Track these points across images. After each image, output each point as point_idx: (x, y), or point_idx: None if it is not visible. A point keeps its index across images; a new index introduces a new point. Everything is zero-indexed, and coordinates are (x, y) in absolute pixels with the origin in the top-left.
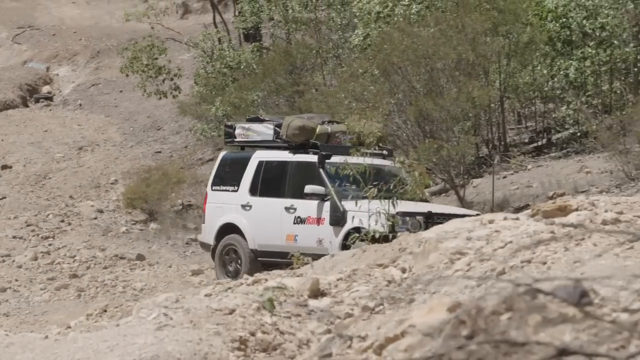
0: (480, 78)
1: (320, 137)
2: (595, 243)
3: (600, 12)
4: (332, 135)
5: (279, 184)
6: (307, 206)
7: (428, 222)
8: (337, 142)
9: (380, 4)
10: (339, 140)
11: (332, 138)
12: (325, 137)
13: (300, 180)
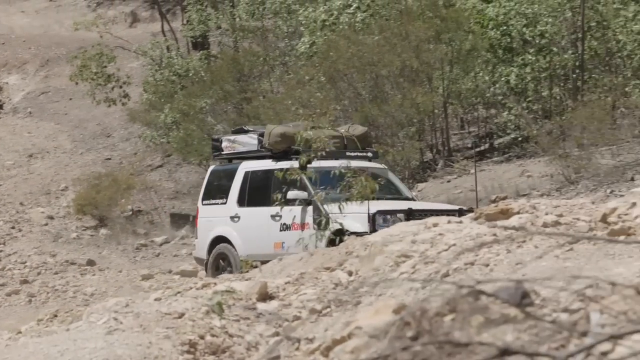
0: (424, 84)
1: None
2: (536, 245)
3: (540, 20)
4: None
5: (265, 193)
6: (292, 212)
7: (409, 219)
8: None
9: (326, 12)
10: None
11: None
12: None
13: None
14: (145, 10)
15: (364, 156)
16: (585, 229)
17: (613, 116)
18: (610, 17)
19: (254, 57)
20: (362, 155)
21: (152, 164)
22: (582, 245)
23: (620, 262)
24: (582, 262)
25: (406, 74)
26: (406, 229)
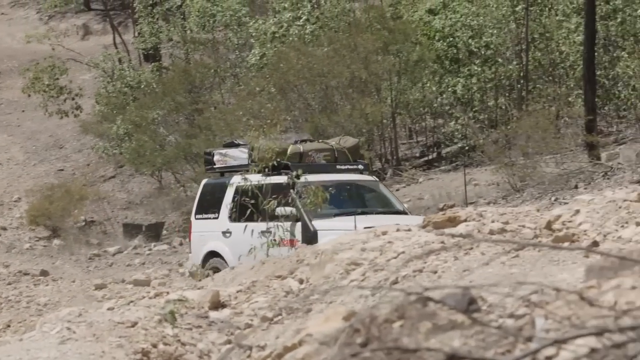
0: (373, 95)
1: (293, 157)
2: (483, 252)
3: (485, 31)
4: (304, 154)
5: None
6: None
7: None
8: (310, 160)
9: (276, 24)
10: (313, 158)
11: (305, 157)
12: (298, 157)
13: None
14: (97, 23)
15: (354, 169)
16: (531, 236)
17: (557, 125)
18: (554, 28)
19: (205, 68)
20: (353, 167)
21: (104, 175)
22: (528, 251)
23: (565, 268)
24: (527, 269)
25: (355, 84)
26: (356, 237)
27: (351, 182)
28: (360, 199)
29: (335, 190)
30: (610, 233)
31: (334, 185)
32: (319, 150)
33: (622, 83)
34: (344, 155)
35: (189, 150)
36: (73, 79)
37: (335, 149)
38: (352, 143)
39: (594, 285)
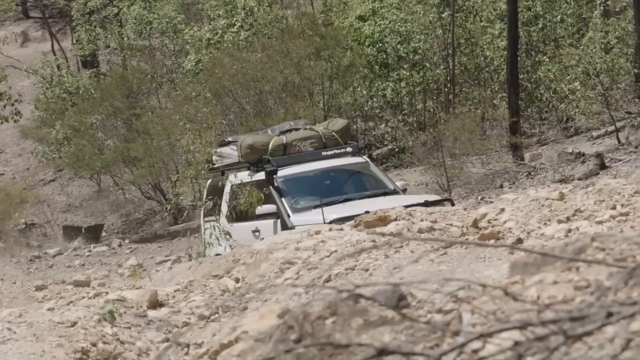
0: (306, 99)
1: (277, 150)
2: (412, 250)
3: (413, 37)
4: (288, 145)
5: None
6: (267, 227)
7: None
8: (296, 150)
9: (211, 31)
10: (298, 148)
11: (290, 147)
12: (281, 149)
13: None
14: (36, 31)
15: (342, 152)
16: (458, 234)
17: (482, 127)
18: (478, 34)
19: (142, 74)
20: (340, 152)
21: (44, 179)
22: (455, 249)
23: (490, 265)
24: (455, 265)
25: (288, 89)
26: (290, 237)
27: (336, 167)
28: (347, 184)
29: (318, 179)
30: (534, 230)
31: (318, 174)
32: (304, 139)
33: (543, 86)
34: (332, 139)
35: (127, 154)
36: (12, 85)
37: (323, 134)
38: (341, 125)
39: (517, 280)
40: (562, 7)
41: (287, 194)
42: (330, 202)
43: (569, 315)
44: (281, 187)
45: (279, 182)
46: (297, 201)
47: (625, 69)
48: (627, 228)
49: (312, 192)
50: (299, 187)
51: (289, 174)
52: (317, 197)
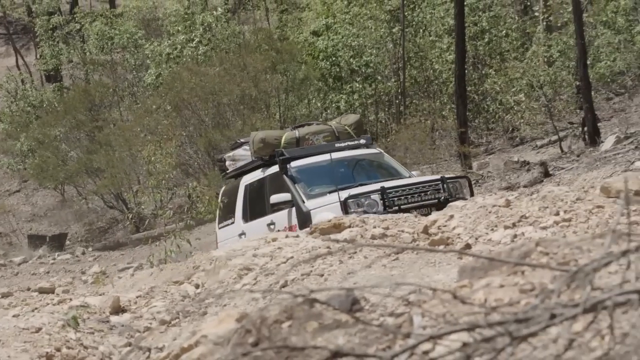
0: (262, 111)
1: (290, 144)
2: (365, 256)
3: (365, 51)
4: (301, 139)
5: (262, 203)
6: (282, 217)
7: (384, 199)
8: (309, 144)
9: (170, 46)
10: (311, 142)
11: (303, 141)
12: (294, 143)
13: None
14: (0, 46)
15: (356, 144)
16: (409, 239)
17: (432, 137)
18: (427, 48)
19: (104, 88)
20: (354, 144)
21: (9, 189)
22: (407, 254)
23: (440, 269)
24: (406, 270)
25: (245, 101)
26: (248, 244)
27: (350, 157)
28: (361, 173)
29: (333, 168)
30: (481, 236)
31: (332, 163)
32: (317, 133)
33: (490, 98)
34: (345, 134)
35: (90, 165)
36: None
37: (336, 128)
38: (354, 120)
39: (466, 284)
40: (507, 22)
41: (301, 182)
42: (344, 187)
43: (514, 317)
44: (295, 176)
45: (292, 171)
46: (312, 188)
47: (567, 81)
48: (570, 233)
49: (326, 180)
50: (313, 175)
51: (303, 164)
52: (331, 184)
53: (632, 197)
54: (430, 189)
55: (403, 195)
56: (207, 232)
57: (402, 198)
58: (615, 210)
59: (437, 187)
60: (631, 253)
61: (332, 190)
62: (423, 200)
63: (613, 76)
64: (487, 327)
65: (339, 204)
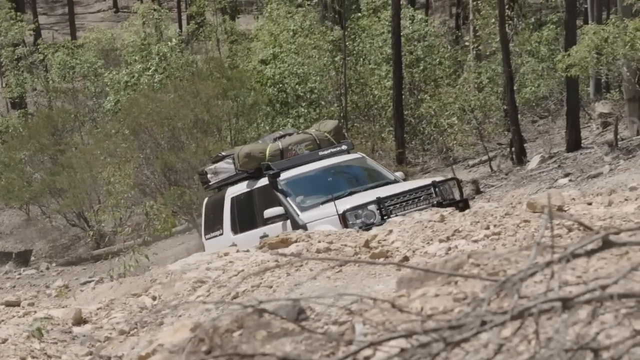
0: (215, 134)
1: (274, 156)
2: (311, 268)
3: (310, 78)
4: (285, 150)
5: (252, 216)
6: (275, 230)
7: (381, 208)
8: (292, 154)
9: (128, 74)
10: (295, 152)
11: (286, 152)
12: (279, 154)
13: (266, 206)
14: None
15: (338, 151)
16: (352, 253)
17: (373, 158)
18: (367, 75)
19: (66, 114)
20: (336, 150)
21: None
22: (349, 267)
23: (380, 280)
24: (349, 281)
25: (199, 125)
26: (202, 258)
27: (336, 165)
28: (349, 179)
29: (321, 177)
30: (418, 249)
31: (319, 172)
32: (299, 142)
33: (425, 121)
34: (325, 140)
35: (53, 186)
36: None
37: (316, 136)
38: (332, 125)
39: (404, 294)
40: (440, 51)
41: (292, 195)
42: (337, 196)
43: (448, 324)
44: (285, 189)
45: (282, 185)
46: (303, 200)
47: (495, 106)
48: (499, 246)
49: (317, 190)
50: (303, 186)
51: (291, 175)
52: (322, 194)
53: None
54: (424, 195)
55: (399, 204)
56: (163, 248)
57: (398, 206)
58: (540, 224)
59: (430, 192)
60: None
61: (325, 200)
62: (418, 206)
63: (537, 101)
64: (423, 334)
65: (337, 217)
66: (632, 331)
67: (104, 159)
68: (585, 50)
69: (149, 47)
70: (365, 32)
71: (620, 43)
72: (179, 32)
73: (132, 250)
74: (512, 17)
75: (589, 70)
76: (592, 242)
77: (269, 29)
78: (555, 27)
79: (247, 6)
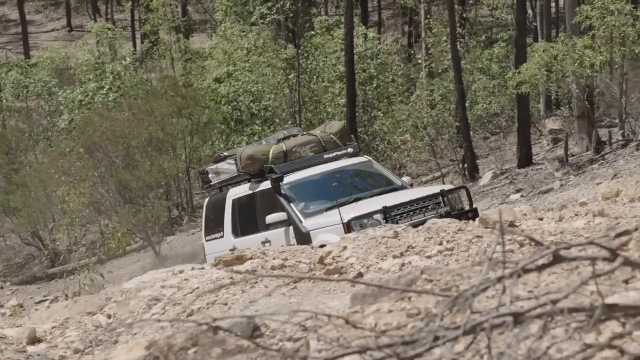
0: (169, 152)
1: (277, 158)
2: (266, 285)
3: (264, 96)
4: (289, 152)
5: (253, 219)
6: (278, 236)
7: (387, 218)
8: (296, 156)
9: (82, 93)
10: (299, 154)
11: (290, 154)
12: (282, 157)
13: (268, 210)
14: None
15: (344, 153)
16: (306, 269)
17: None
18: (321, 93)
19: (20, 133)
20: (342, 153)
21: None
22: (304, 283)
23: (335, 297)
24: (303, 298)
25: (153, 144)
26: (157, 275)
27: (341, 168)
28: (354, 184)
29: (325, 181)
30: (372, 265)
31: (324, 177)
32: (303, 144)
33: (379, 138)
34: (331, 142)
35: (7, 205)
36: None
37: (321, 138)
38: (338, 127)
39: (358, 310)
40: (393, 69)
41: (296, 200)
42: (342, 203)
43: (401, 339)
44: (288, 194)
45: (285, 189)
46: (307, 206)
47: (448, 122)
48: (452, 261)
49: (321, 195)
50: (307, 191)
51: (295, 179)
52: (326, 200)
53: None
54: (432, 204)
55: (405, 212)
56: (118, 266)
57: (405, 215)
58: (492, 239)
59: (438, 201)
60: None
61: (329, 207)
62: (426, 216)
63: (489, 117)
64: (376, 350)
65: (341, 226)
66: (582, 345)
67: (58, 177)
68: (535, 67)
69: (103, 65)
70: (318, 50)
71: (569, 60)
72: (133, 51)
73: (87, 268)
74: (464, 35)
75: (539, 87)
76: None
77: (223, 47)
78: (506, 44)
79: (201, 25)
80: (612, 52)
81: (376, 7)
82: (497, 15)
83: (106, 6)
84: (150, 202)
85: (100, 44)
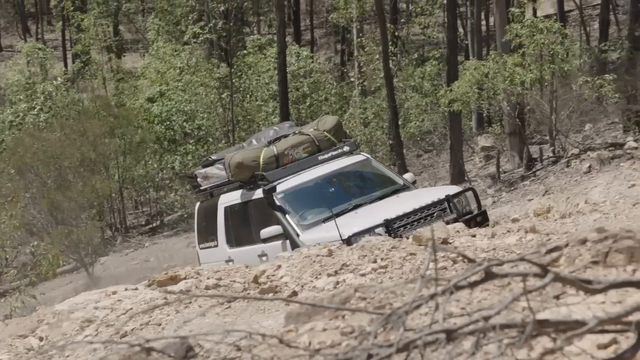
0: (102, 173)
1: (269, 163)
2: (200, 305)
3: (197, 115)
4: (281, 156)
5: (247, 229)
6: (274, 249)
7: (390, 231)
8: (289, 160)
9: (13, 114)
10: (292, 156)
11: (282, 157)
12: (274, 161)
13: (263, 221)
14: None
15: (340, 153)
16: (241, 289)
17: None
18: (255, 112)
19: None
20: (338, 152)
21: None
22: (238, 303)
23: (269, 316)
24: (238, 317)
25: (86, 164)
26: (90, 297)
27: (337, 171)
28: (353, 188)
29: (321, 187)
30: (307, 283)
31: (319, 182)
32: (296, 145)
33: None
34: (326, 141)
35: None
36: None
37: (315, 137)
38: (332, 123)
39: (292, 329)
40: (326, 87)
41: (291, 211)
42: (340, 212)
43: (336, 358)
44: (282, 205)
45: (279, 200)
46: (303, 217)
47: (381, 140)
48: (386, 279)
49: (317, 203)
50: (302, 200)
51: (288, 187)
52: (323, 208)
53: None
54: (437, 211)
55: (409, 223)
56: (51, 287)
57: (409, 227)
58: (425, 257)
59: (444, 207)
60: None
61: (326, 218)
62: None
63: (422, 135)
64: None
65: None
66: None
67: None
68: (467, 85)
69: (33, 86)
70: (251, 69)
71: (500, 78)
72: (64, 71)
73: (18, 291)
74: (396, 53)
75: (471, 105)
76: (476, 273)
77: (156, 66)
78: (438, 62)
79: (133, 44)
80: (542, 69)
81: (309, 26)
82: (428, 33)
83: (36, 26)
84: (83, 223)
85: (31, 64)
